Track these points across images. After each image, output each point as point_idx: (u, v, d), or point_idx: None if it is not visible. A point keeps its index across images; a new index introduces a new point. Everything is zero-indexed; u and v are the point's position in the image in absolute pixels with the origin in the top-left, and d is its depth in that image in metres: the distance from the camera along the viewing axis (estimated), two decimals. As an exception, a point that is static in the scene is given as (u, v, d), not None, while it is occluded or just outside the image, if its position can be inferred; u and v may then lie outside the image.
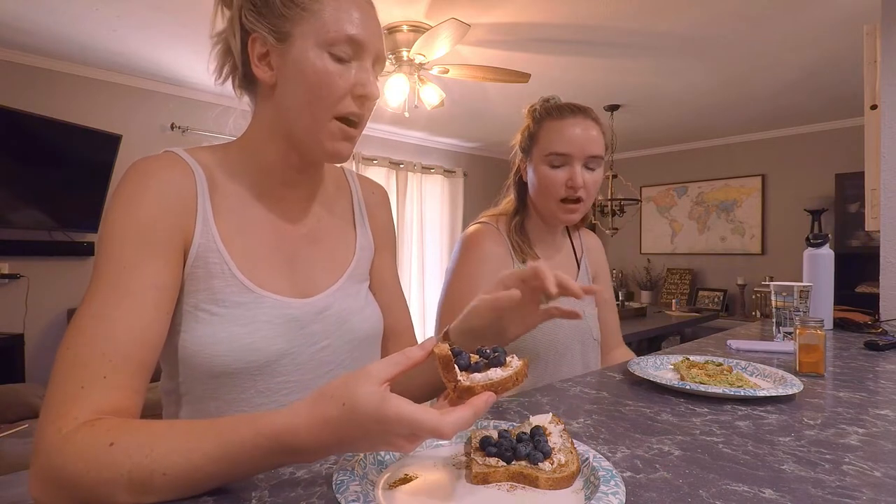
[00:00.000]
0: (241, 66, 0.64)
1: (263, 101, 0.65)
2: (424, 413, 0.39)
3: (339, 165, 0.80)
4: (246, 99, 0.69)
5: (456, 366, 0.45)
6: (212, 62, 0.67)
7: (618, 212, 4.13)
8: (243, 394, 0.61)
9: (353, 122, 0.63)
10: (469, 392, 0.43)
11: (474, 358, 0.47)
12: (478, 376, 0.44)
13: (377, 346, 0.75)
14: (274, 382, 0.62)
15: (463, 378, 0.44)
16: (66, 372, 0.49)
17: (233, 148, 0.67)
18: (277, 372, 0.62)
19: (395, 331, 0.80)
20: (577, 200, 1.04)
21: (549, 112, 1.08)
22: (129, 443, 0.44)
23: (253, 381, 0.61)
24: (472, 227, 1.11)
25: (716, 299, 4.90)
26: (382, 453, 0.49)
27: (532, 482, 0.44)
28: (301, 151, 0.65)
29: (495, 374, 0.45)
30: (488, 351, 0.48)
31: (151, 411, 0.49)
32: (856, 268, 3.59)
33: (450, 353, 0.45)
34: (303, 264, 0.68)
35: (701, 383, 0.76)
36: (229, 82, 0.68)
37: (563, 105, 1.08)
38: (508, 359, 0.47)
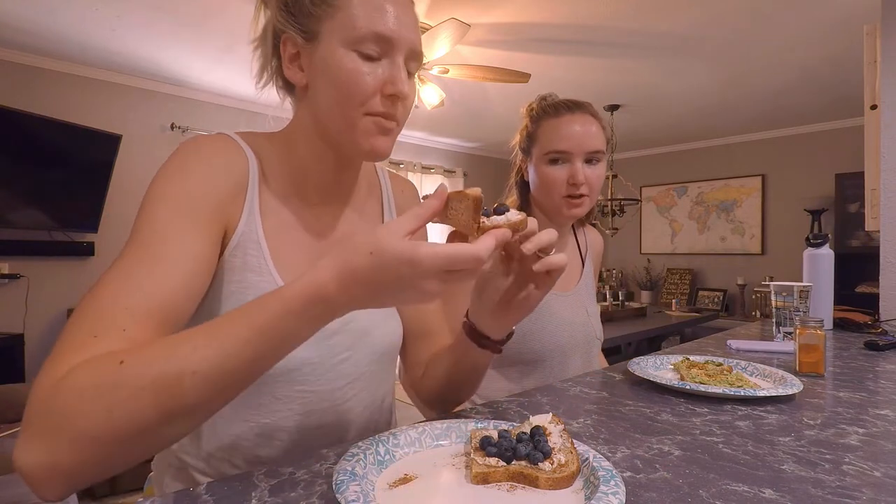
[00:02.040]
0: (275, 69, 0.63)
1: (299, 102, 0.64)
2: (458, 246, 0.40)
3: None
4: (287, 102, 0.67)
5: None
6: (253, 67, 0.65)
7: (618, 212, 4.13)
8: (260, 398, 0.60)
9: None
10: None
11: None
12: (498, 218, 0.46)
13: (395, 358, 0.74)
14: (293, 390, 0.61)
15: (485, 220, 0.46)
16: (80, 321, 0.44)
17: (277, 141, 0.65)
18: (297, 381, 0.61)
19: (429, 331, 0.76)
20: (581, 196, 1.03)
21: (546, 110, 1.06)
22: (144, 355, 0.41)
23: (271, 387, 0.60)
24: None
25: (716, 299, 4.90)
26: (382, 453, 0.49)
27: (532, 482, 0.44)
28: (338, 151, 0.63)
29: (513, 215, 0.47)
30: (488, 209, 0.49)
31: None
32: (856, 268, 3.59)
33: (481, 195, 0.46)
34: None
35: (701, 383, 0.76)
36: (272, 87, 0.66)
37: (559, 102, 1.07)
38: (511, 210, 0.49)
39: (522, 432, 0.50)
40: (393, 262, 0.40)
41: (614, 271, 4.99)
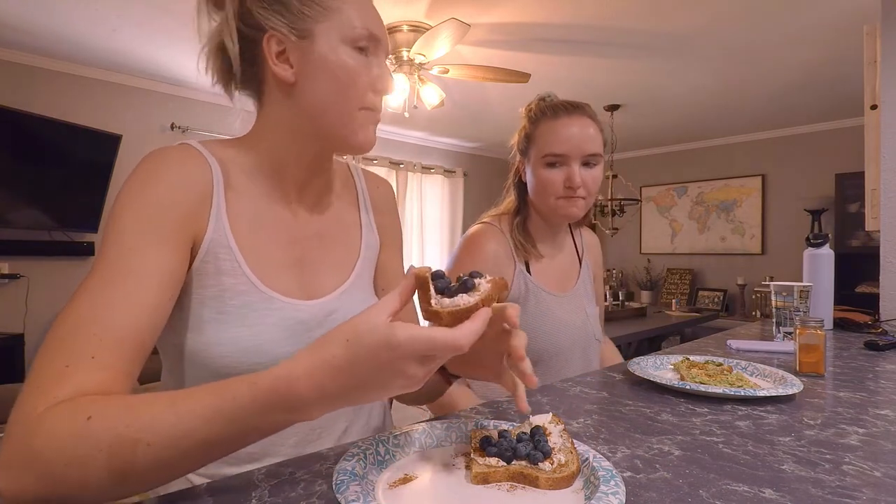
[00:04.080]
0: (240, 64, 0.63)
1: (279, 99, 0.63)
2: (437, 330, 0.39)
3: (342, 159, 0.80)
4: (244, 99, 0.68)
5: (433, 288, 0.44)
6: (201, 62, 0.66)
7: (618, 212, 4.13)
8: None
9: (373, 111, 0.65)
10: (436, 317, 0.43)
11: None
12: (446, 301, 0.43)
13: None
14: None
15: (435, 302, 0.43)
16: (53, 351, 0.46)
17: (245, 145, 0.66)
18: None
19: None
20: (578, 197, 1.03)
21: (544, 112, 1.06)
22: (109, 415, 0.41)
23: None
24: (475, 228, 1.11)
25: (716, 299, 4.90)
26: (382, 453, 0.49)
27: (532, 482, 0.44)
28: (324, 145, 0.65)
29: (462, 300, 0.43)
30: (464, 276, 0.46)
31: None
32: (856, 268, 3.59)
33: (427, 275, 0.44)
34: (311, 266, 0.68)
35: (701, 383, 0.76)
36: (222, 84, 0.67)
37: (557, 104, 1.07)
38: (478, 281, 0.45)
39: (522, 432, 0.50)
40: (371, 346, 0.39)
41: (614, 271, 4.99)
